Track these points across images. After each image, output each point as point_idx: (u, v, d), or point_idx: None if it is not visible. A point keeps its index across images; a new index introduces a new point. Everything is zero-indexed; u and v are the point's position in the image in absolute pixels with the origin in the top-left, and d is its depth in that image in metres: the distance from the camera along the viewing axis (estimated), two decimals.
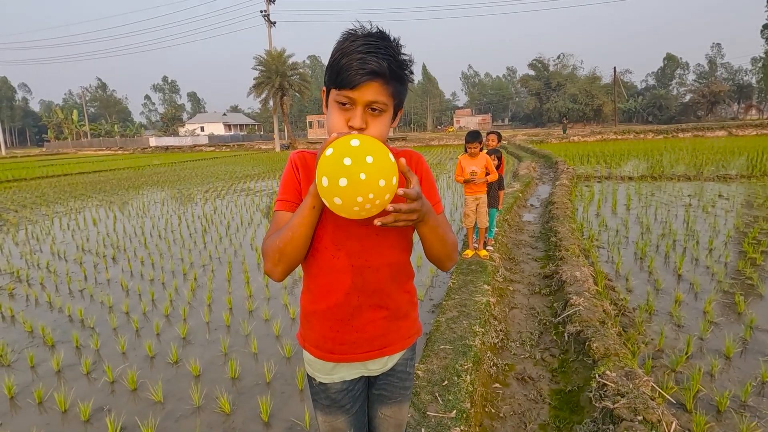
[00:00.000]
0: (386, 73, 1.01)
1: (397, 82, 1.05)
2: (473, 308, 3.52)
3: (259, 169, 18.26)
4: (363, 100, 1.03)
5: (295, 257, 1.09)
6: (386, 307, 1.18)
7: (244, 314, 4.04)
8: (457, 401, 2.34)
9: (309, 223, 1.06)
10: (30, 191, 14.23)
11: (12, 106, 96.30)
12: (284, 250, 1.06)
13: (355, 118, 1.04)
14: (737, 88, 66.26)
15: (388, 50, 1.02)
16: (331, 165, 0.96)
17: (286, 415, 2.60)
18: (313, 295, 1.19)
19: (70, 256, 6.15)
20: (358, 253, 1.13)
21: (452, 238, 1.16)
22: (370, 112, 1.05)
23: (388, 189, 0.97)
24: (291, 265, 1.10)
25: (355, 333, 1.17)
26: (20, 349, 3.56)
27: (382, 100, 1.04)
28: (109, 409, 2.72)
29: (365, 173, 0.94)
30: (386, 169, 0.98)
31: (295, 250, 1.07)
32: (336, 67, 1.02)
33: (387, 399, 1.30)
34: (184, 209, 9.50)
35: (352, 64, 0.99)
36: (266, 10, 38.12)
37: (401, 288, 1.21)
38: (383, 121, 1.07)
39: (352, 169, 0.94)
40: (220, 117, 77.07)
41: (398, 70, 1.04)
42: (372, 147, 0.97)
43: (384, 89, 1.03)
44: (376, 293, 1.16)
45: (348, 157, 0.95)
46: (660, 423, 2.03)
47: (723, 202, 7.94)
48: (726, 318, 3.56)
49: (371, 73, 0.99)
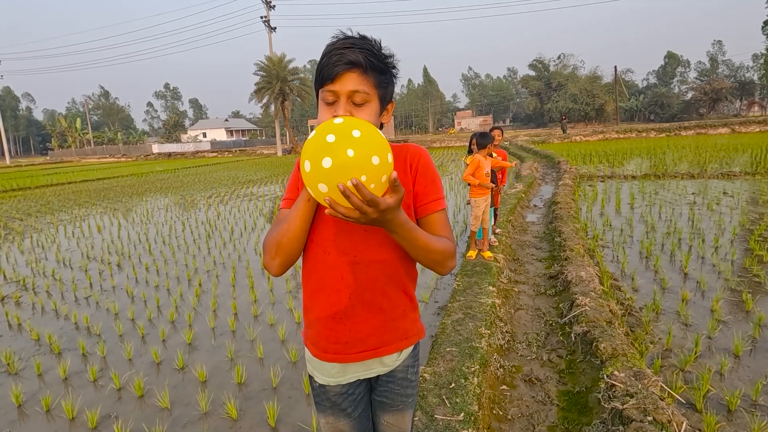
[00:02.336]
0: (363, 63, 1.04)
1: (378, 72, 1.08)
2: (479, 310, 3.50)
3: (262, 174, 18.30)
4: (344, 90, 1.05)
5: (291, 250, 1.10)
6: (380, 306, 1.16)
7: (250, 319, 4.04)
8: (464, 404, 2.33)
9: (304, 216, 1.08)
10: (35, 200, 14.30)
11: (16, 115, 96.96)
12: (281, 242, 1.08)
13: (339, 109, 1.05)
14: (739, 85, 65.97)
15: (365, 45, 1.06)
16: (313, 146, 0.85)
17: (293, 420, 2.59)
18: (309, 292, 1.19)
19: (75, 264, 6.17)
20: (347, 248, 1.12)
21: (440, 245, 1.08)
22: (353, 105, 1.06)
23: (383, 168, 0.85)
24: (288, 258, 1.11)
25: (348, 332, 1.15)
26: (27, 357, 3.58)
27: (363, 89, 1.05)
28: (116, 416, 2.73)
29: (353, 149, 0.82)
30: (378, 143, 0.86)
31: (290, 243, 1.09)
32: (318, 67, 1.08)
33: (388, 406, 1.28)
34: (187, 215, 9.53)
35: (331, 59, 1.04)
36: (266, 16, 38.35)
37: (398, 287, 1.18)
38: (368, 112, 1.07)
39: (337, 145, 0.82)
40: (222, 123, 77.35)
41: (376, 61, 1.06)
42: (358, 122, 0.88)
43: (364, 78, 1.05)
44: (368, 291, 1.14)
45: (331, 133, 0.84)
46: (670, 423, 2.02)
47: (728, 199, 7.90)
48: (734, 316, 3.53)
49: (348, 63, 1.03)
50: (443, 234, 1.14)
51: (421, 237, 1.05)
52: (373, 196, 0.87)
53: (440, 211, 1.15)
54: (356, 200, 0.87)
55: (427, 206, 1.15)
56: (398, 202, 0.93)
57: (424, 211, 1.15)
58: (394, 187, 0.91)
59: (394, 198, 0.92)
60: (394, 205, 0.92)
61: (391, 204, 0.92)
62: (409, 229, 1.02)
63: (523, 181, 10.79)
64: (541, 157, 17.56)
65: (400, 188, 0.92)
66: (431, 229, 1.13)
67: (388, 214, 0.93)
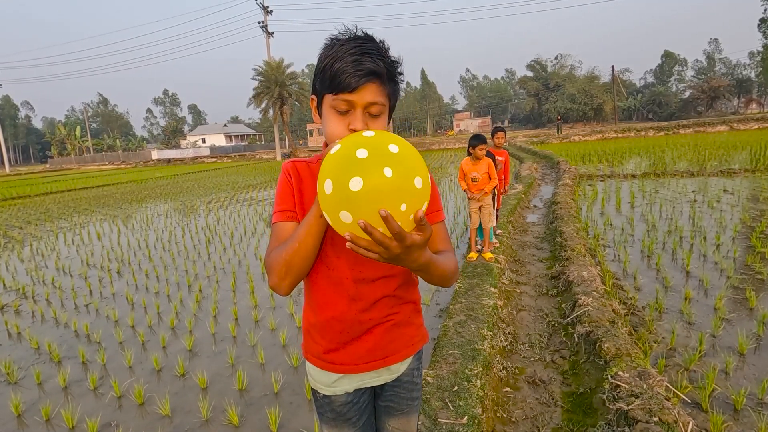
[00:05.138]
0: (384, 73, 1.00)
1: (392, 82, 1.05)
2: (481, 311, 3.48)
3: (261, 179, 18.30)
4: (362, 102, 1.00)
5: (302, 269, 1.03)
6: (386, 317, 1.14)
7: (250, 324, 4.02)
8: (468, 407, 2.30)
9: (316, 233, 1.00)
10: (34, 208, 14.29)
11: (15, 124, 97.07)
12: (291, 261, 1.00)
13: (357, 121, 1.00)
14: (737, 83, 66.04)
15: (379, 51, 1.01)
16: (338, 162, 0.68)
17: (295, 426, 2.56)
18: (313, 306, 1.16)
19: (75, 271, 6.15)
20: (353, 264, 1.09)
21: (450, 266, 1.04)
22: (368, 116, 1.02)
23: (424, 194, 0.71)
24: (298, 277, 1.05)
25: (355, 344, 1.13)
26: (27, 366, 3.55)
27: (380, 101, 1.02)
28: (117, 425, 2.70)
29: (392, 168, 0.66)
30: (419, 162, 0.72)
31: (302, 262, 1.01)
32: (329, 72, 0.99)
33: (394, 410, 1.26)
34: (187, 221, 9.51)
35: (348, 67, 0.96)
36: (264, 21, 38.46)
37: (403, 298, 1.17)
38: (382, 123, 1.05)
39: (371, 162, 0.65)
40: (221, 128, 77.51)
41: (392, 70, 1.03)
42: (393, 137, 0.74)
43: (382, 90, 1.02)
44: (374, 305, 1.12)
45: (363, 147, 0.68)
46: (676, 423, 1.99)
47: (728, 197, 7.88)
48: (738, 314, 3.51)
49: (370, 73, 0.97)
50: (443, 247, 1.11)
51: (439, 265, 0.99)
52: (401, 228, 0.75)
53: (439, 222, 1.13)
54: (379, 235, 0.75)
55: (429, 217, 1.11)
56: (425, 242, 0.83)
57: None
58: (421, 225, 0.81)
59: (421, 237, 0.81)
60: (420, 243, 0.82)
61: (417, 241, 0.81)
62: (426, 259, 0.92)
63: (523, 181, 10.78)
64: (541, 157, 17.56)
65: (428, 226, 0.82)
66: (432, 240, 1.10)
67: (414, 253, 0.83)
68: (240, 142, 71.56)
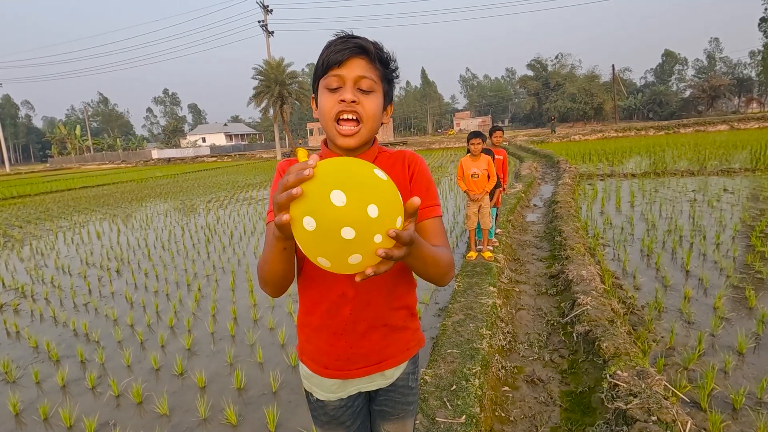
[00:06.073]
0: (371, 51, 1.03)
1: (382, 65, 1.06)
2: (479, 311, 3.48)
3: (261, 178, 18.30)
4: (352, 75, 1.02)
5: (279, 284, 1.01)
6: (381, 321, 1.13)
7: (249, 323, 4.01)
8: (466, 406, 2.30)
9: (284, 259, 0.94)
10: (34, 207, 14.30)
11: (15, 123, 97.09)
12: (265, 277, 1.00)
13: (346, 92, 1.01)
14: (737, 82, 65.99)
15: (368, 40, 1.06)
16: (314, 202, 0.68)
17: (293, 425, 2.56)
18: (306, 307, 1.15)
19: (74, 270, 6.15)
20: None
21: (446, 259, 1.03)
22: (360, 92, 1.03)
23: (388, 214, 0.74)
24: (278, 289, 1.03)
25: (349, 348, 1.12)
26: (25, 365, 3.55)
27: (370, 76, 1.03)
28: (115, 424, 2.70)
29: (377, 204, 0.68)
30: (395, 205, 0.73)
31: (274, 280, 0.99)
32: (321, 59, 1.05)
33: (389, 415, 1.25)
34: (187, 220, 9.51)
35: (336, 46, 1.02)
36: (264, 20, 38.43)
37: (398, 301, 1.15)
38: (374, 101, 1.05)
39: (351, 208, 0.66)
40: (221, 127, 77.51)
41: (381, 53, 1.05)
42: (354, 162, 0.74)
43: (371, 66, 1.03)
44: (369, 306, 1.11)
45: (337, 188, 0.66)
46: (675, 423, 1.99)
47: (728, 196, 7.87)
48: (737, 313, 3.50)
49: (356, 46, 1.01)
50: (439, 242, 1.08)
51: (430, 252, 0.97)
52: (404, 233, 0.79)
53: (435, 217, 1.12)
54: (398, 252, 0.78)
55: (423, 212, 1.11)
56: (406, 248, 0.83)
57: (420, 216, 1.10)
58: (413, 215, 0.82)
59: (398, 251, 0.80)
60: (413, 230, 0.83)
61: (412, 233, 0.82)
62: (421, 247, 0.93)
63: (523, 180, 10.77)
64: (541, 156, 17.55)
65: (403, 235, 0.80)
66: (426, 235, 1.08)
67: (416, 238, 0.85)
68: (240, 142, 71.56)
